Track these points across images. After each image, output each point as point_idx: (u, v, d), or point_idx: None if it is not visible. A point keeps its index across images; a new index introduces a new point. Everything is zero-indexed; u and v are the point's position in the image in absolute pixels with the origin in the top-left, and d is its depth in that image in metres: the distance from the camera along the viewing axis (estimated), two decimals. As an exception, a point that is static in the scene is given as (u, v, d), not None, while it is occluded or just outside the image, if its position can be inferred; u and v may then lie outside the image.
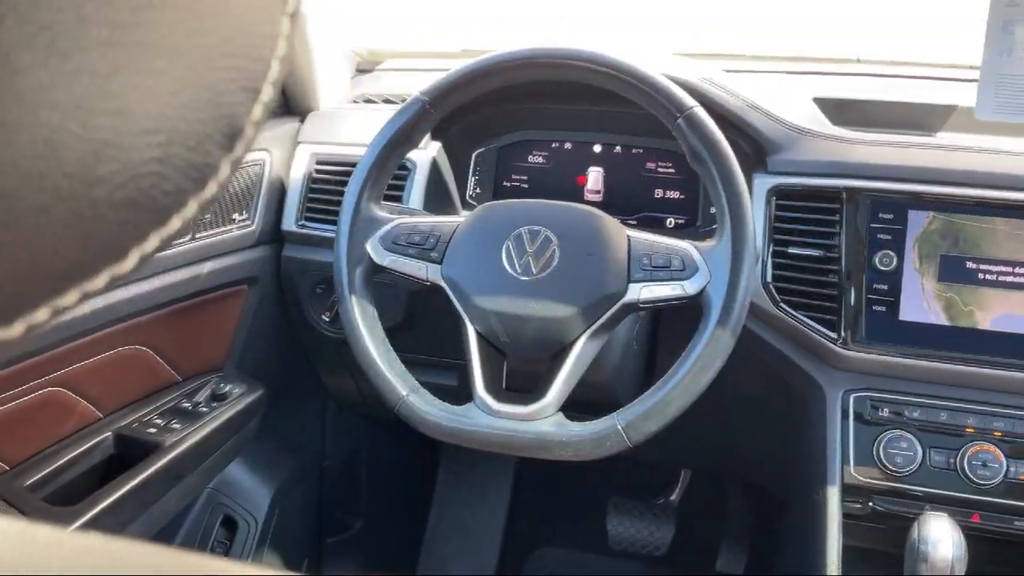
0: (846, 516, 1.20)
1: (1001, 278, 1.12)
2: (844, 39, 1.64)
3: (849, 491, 1.16)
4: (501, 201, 1.14)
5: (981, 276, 1.13)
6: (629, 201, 1.38)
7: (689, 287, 1.01)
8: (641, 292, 1.02)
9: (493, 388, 1.04)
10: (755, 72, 1.47)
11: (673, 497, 1.88)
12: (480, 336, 1.06)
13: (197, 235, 1.28)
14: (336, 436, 1.76)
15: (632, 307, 1.03)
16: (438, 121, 1.12)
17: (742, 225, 1.00)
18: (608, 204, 1.39)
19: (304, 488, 1.70)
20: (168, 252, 1.21)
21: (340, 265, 1.10)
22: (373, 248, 1.10)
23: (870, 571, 1.20)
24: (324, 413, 1.74)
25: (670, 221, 1.37)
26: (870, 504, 1.16)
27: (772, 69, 1.50)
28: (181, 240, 1.24)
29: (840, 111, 1.35)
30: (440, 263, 1.08)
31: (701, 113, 1.02)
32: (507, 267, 1.05)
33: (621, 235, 1.05)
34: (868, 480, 1.15)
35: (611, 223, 1.06)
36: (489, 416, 1.02)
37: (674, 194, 1.38)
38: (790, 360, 1.21)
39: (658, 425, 0.99)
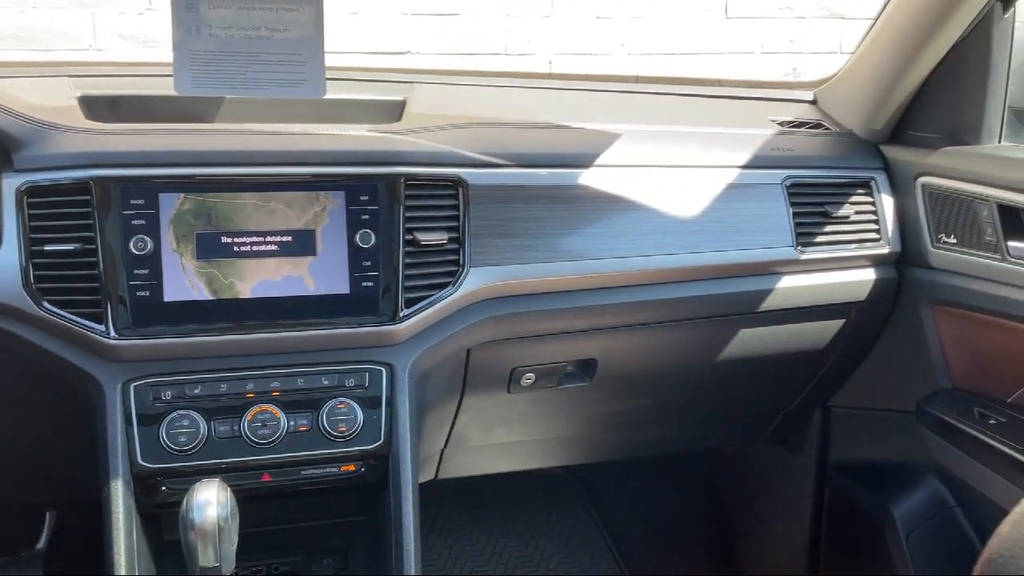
0: (156, 506, 1.18)
1: (255, 248, 1.19)
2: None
3: (140, 482, 1.14)
4: None
5: (237, 249, 1.19)
6: None
7: None
8: None
9: None
10: (17, 76, 1.38)
11: (40, 545, 1.71)
12: None
13: None
14: None
15: None
16: None
17: None
18: None
19: None
20: None
21: None
22: None
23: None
24: None
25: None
26: (163, 490, 1.16)
27: (48, 74, 1.43)
28: None
29: (113, 108, 1.33)
30: None
31: None
32: None
33: None
34: (156, 465, 1.14)
35: None
36: None
37: None
38: (66, 361, 1.15)
39: None
